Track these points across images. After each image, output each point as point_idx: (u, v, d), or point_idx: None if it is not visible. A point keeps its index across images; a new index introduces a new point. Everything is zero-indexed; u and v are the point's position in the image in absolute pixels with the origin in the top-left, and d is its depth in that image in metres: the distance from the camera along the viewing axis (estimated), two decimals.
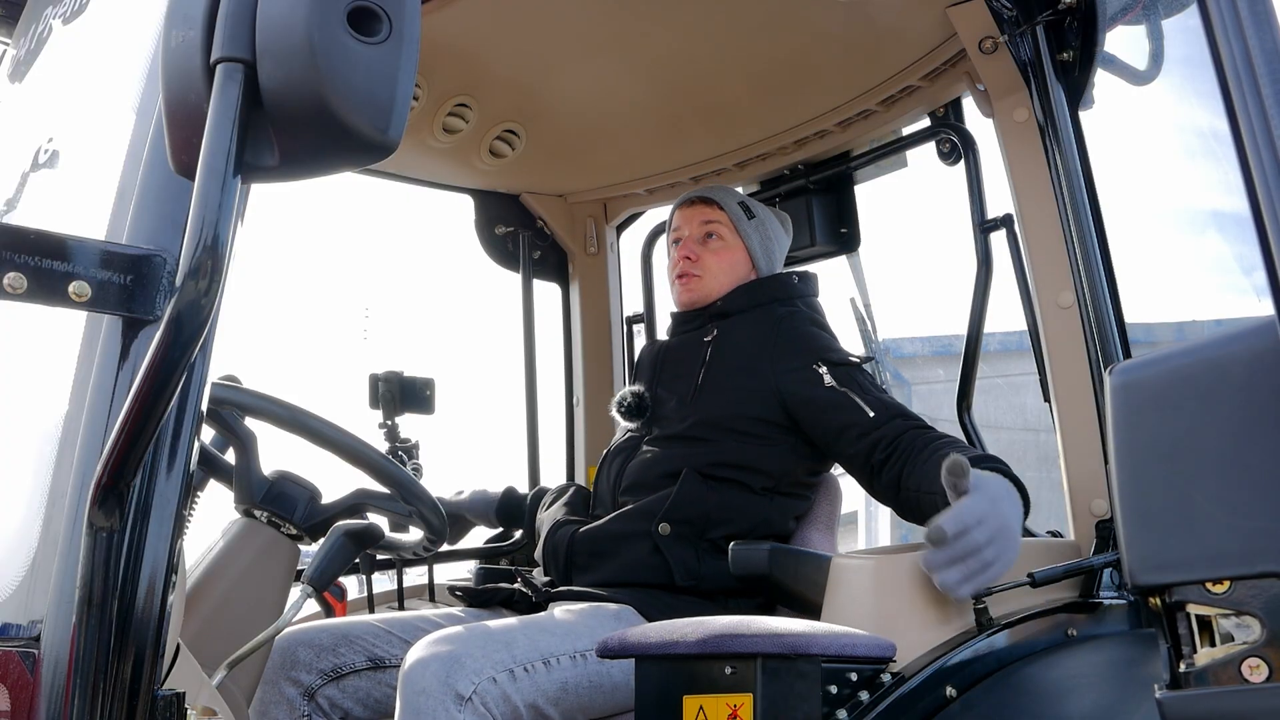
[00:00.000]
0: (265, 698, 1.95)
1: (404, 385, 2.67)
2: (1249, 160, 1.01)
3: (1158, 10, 2.07)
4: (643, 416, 2.32)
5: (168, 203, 1.04)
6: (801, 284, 2.43)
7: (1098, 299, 1.94)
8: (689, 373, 2.30)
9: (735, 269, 2.41)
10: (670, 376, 2.35)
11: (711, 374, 2.26)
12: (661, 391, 2.33)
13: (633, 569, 2.07)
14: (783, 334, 2.23)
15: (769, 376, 2.17)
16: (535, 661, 1.76)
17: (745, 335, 2.27)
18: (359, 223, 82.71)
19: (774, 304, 2.35)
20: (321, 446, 1.85)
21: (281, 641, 1.98)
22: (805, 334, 2.25)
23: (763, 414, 2.16)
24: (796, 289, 2.40)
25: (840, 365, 2.15)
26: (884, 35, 2.32)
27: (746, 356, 2.23)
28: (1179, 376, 1.11)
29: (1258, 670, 1.03)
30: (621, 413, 2.35)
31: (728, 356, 2.27)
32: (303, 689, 1.97)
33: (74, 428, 1.02)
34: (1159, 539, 1.08)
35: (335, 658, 2.01)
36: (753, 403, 2.17)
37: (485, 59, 2.43)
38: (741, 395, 2.19)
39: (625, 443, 2.33)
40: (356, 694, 2.01)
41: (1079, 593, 1.89)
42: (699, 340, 2.34)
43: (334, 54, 0.89)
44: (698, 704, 1.43)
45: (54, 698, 0.96)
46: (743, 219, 2.43)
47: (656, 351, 2.46)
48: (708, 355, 2.29)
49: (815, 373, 2.14)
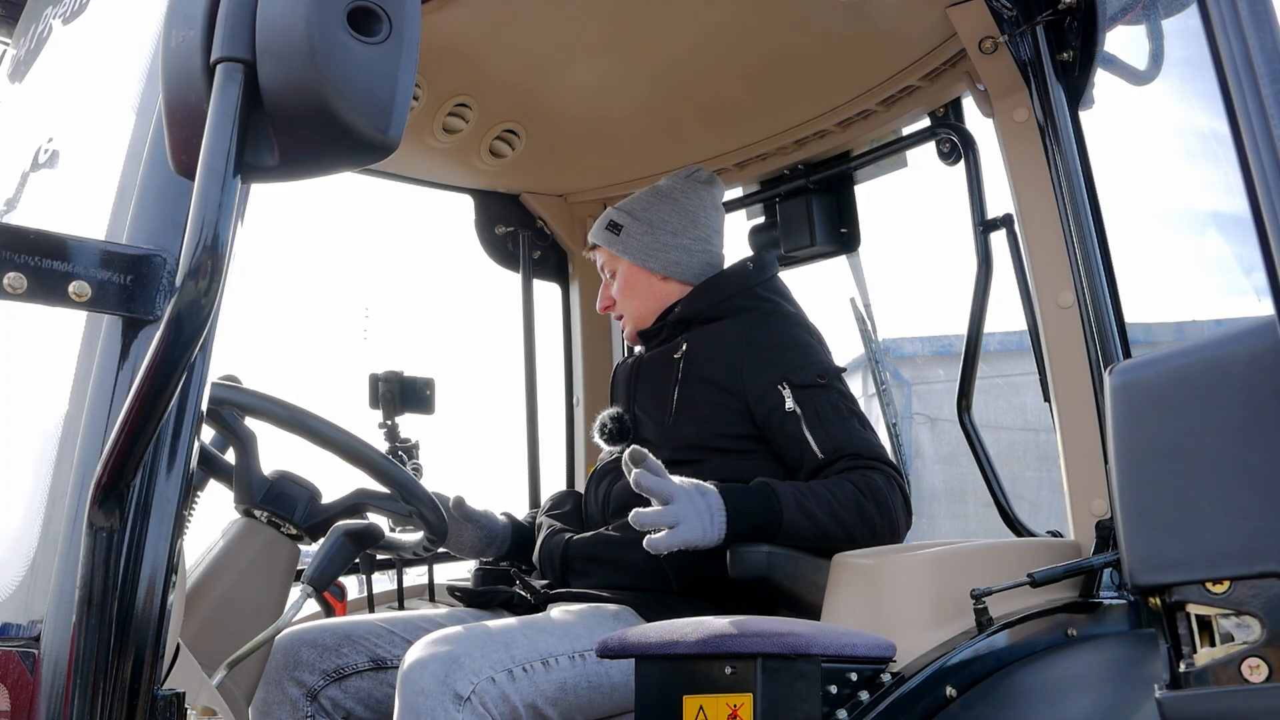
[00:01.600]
0: (268, 698, 1.95)
1: (404, 385, 2.67)
2: (1249, 160, 1.01)
3: (1158, 10, 2.07)
4: (625, 439, 2.23)
5: (168, 203, 1.04)
6: (756, 270, 2.31)
7: (1098, 299, 1.94)
8: (663, 393, 2.21)
9: (640, 289, 2.33)
10: (645, 397, 2.27)
11: (686, 394, 2.18)
12: (639, 412, 2.26)
13: (630, 574, 2.06)
14: (752, 345, 2.13)
15: (740, 391, 2.11)
16: (534, 661, 1.76)
17: (716, 348, 2.18)
18: (359, 223, 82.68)
19: (739, 305, 2.24)
20: (321, 446, 1.85)
21: (284, 641, 1.98)
22: (776, 344, 2.14)
23: (741, 429, 2.11)
24: (751, 277, 2.29)
25: (804, 387, 2.06)
26: (884, 35, 2.32)
27: (719, 371, 2.15)
28: (1179, 376, 1.11)
29: (1258, 670, 1.03)
30: (604, 438, 2.30)
31: (700, 373, 2.18)
32: (305, 689, 1.97)
33: (74, 428, 1.02)
34: (1159, 539, 1.08)
35: (338, 658, 2.01)
36: (729, 419, 2.11)
37: (485, 59, 2.43)
38: (717, 413, 2.12)
39: (612, 462, 2.25)
40: (359, 694, 2.01)
41: (1079, 593, 1.89)
42: (670, 357, 2.25)
43: (334, 54, 0.89)
44: (698, 704, 1.43)
45: (54, 698, 0.96)
46: (614, 240, 2.34)
47: (630, 370, 2.37)
48: (679, 374, 2.20)
49: (779, 394, 2.06)
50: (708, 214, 2.38)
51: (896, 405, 2.95)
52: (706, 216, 2.37)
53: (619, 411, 2.30)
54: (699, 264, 2.34)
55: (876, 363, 2.88)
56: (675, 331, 2.30)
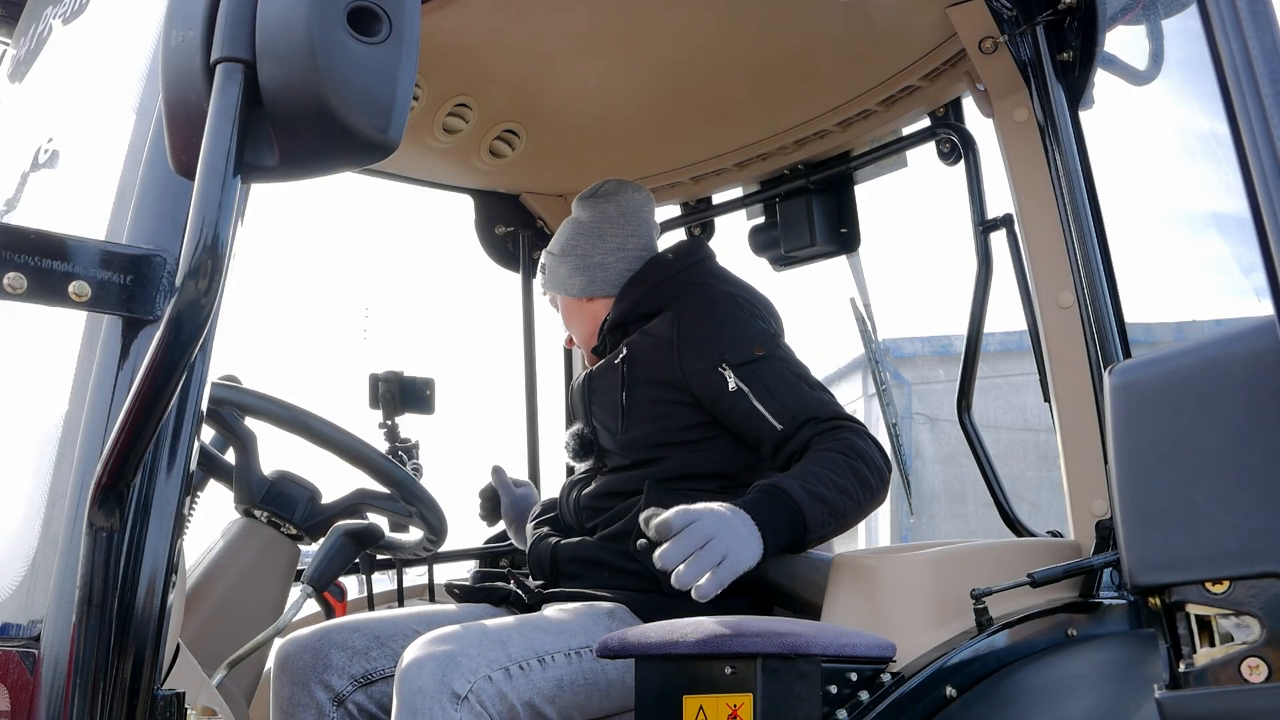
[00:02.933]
0: (294, 698, 1.93)
1: (404, 385, 2.67)
2: (1249, 160, 1.01)
3: (1158, 10, 2.07)
4: (591, 455, 2.26)
5: (168, 203, 1.04)
6: (678, 258, 2.30)
7: (1098, 299, 1.94)
8: (612, 401, 2.21)
9: (575, 315, 2.39)
10: (599, 409, 2.26)
11: (632, 399, 2.17)
12: (597, 425, 2.26)
13: (621, 575, 2.04)
14: (682, 334, 2.11)
15: (682, 381, 2.09)
16: (530, 659, 1.76)
17: (650, 345, 2.17)
18: (359, 223, 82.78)
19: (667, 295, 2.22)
20: (321, 446, 1.85)
21: (315, 641, 1.96)
22: (706, 327, 2.10)
23: (693, 419, 2.09)
24: (673, 265, 2.29)
25: (743, 365, 2.03)
26: (884, 35, 2.32)
27: (657, 369, 2.13)
28: (1179, 376, 1.11)
29: (1257, 670, 1.03)
30: (571, 455, 2.31)
31: (640, 373, 2.17)
32: (333, 695, 1.95)
33: (74, 428, 1.02)
34: (1159, 539, 1.08)
35: (367, 662, 1.98)
36: (679, 414, 2.10)
37: (485, 59, 2.43)
38: (664, 411, 2.12)
39: (579, 476, 2.28)
40: (384, 700, 1.97)
41: (1079, 593, 1.89)
42: (612, 364, 2.25)
43: (334, 54, 0.89)
44: (698, 704, 1.43)
45: (54, 698, 0.96)
46: (542, 280, 2.44)
47: (583, 385, 2.36)
48: (622, 379, 2.19)
49: (720, 376, 2.03)
50: (615, 225, 2.37)
51: (896, 405, 2.95)
52: (614, 227, 2.37)
53: (579, 428, 2.30)
54: (617, 274, 2.34)
55: (876, 363, 2.88)
56: (616, 339, 2.31)
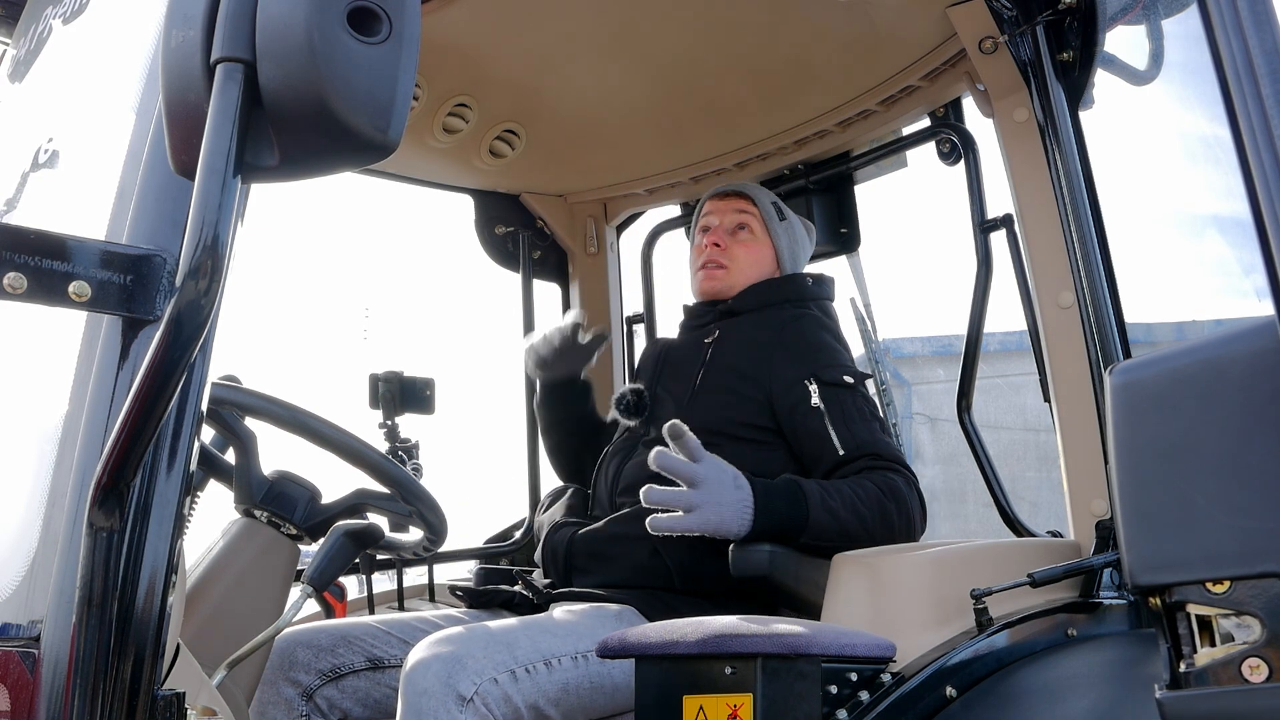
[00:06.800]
0: (264, 698, 1.95)
1: (404, 385, 2.67)
2: (1249, 160, 1.01)
3: (1158, 10, 2.07)
4: (641, 415, 2.31)
5: (168, 203, 1.04)
6: (816, 286, 2.41)
7: (1098, 299, 1.94)
8: (687, 375, 2.28)
9: (760, 265, 2.41)
10: (670, 377, 2.34)
11: (709, 377, 2.25)
12: (661, 391, 2.33)
13: (632, 572, 2.06)
14: (785, 340, 2.21)
15: (765, 382, 2.16)
16: (536, 662, 1.76)
17: (748, 337, 2.26)
18: (359, 223, 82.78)
19: (785, 305, 2.33)
20: (321, 446, 1.85)
21: (280, 642, 1.98)
22: (808, 343, 2.21)
23: (757, 419, 2.15)
24: (810, 291, 2.39)
25: (831, 385, 2.11)
26: (884, 35, 2.32)
27: (746, 360, 2.21)
28: (1179, 376, 1.11)
29: (1258, 670, 1.02)
30: (620, 410, 2.34)
31: (727, 359, 2.25)
32: (301, 689, 1.97)
33: (74, 428, 1.02)
34: (1159, 539, 1.08)
35: (334, 658, 2.01)
36: (748, 408, 2.16)
37: (485, 59, 2.43)
38: (736, 399, 2.17)
39: (623, 443, 2.33)
40: (355, 694, 2.01)
41: (1079, 593, 1.89)
42: (700, 341, 2.33)
43: (334, 54, 0.89)
44: (698, 704, 1.43)
45: (54, 698, 0.96)
46: (774, 218, 2.44)
47: (659, 351, 2.45)
48: (707, 357, 2.28)
49: (805, 389, 2.11)
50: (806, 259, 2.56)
51: (896, 405, 2.95)
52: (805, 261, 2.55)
53: (639, 386, 2.34)
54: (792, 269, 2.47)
55: (876, 363, 2.88)
56: (718, 317, 2.37)
